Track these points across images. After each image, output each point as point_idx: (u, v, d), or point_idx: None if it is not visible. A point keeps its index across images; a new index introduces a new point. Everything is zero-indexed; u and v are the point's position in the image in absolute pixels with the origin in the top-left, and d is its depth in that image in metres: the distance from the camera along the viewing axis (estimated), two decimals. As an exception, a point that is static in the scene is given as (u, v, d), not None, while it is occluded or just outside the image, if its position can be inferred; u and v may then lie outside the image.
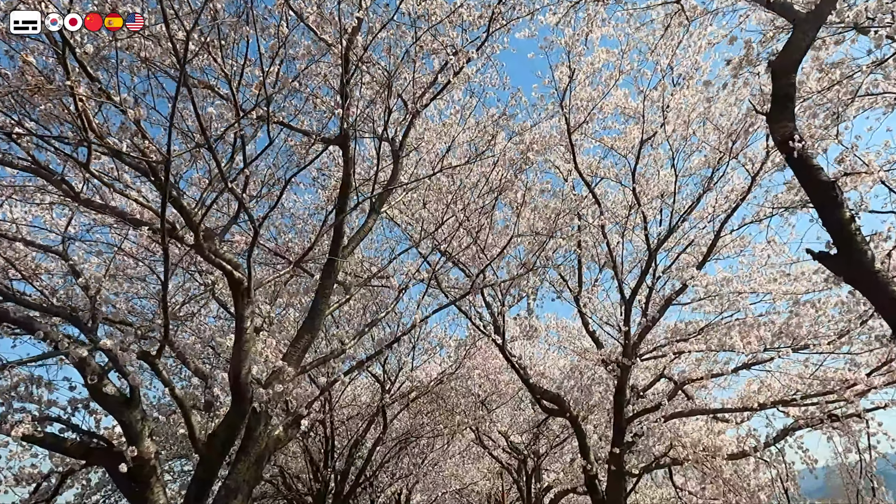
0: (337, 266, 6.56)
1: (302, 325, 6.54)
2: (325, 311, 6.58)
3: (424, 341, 14.33)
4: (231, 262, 5.42)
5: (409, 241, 7.75)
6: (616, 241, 9.00)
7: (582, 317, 10.74)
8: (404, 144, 7.16)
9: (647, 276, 8.94)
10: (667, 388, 11.13)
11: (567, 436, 15.69)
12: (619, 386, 9.17)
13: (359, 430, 12.88)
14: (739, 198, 8.66)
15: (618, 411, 9.32)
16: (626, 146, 8.75)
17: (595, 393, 10.54)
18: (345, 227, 6.43)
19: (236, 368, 5.17)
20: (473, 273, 10.77)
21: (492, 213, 7.97)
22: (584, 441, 10.13)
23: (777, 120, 4.20)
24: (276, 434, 6.27)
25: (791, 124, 4.10)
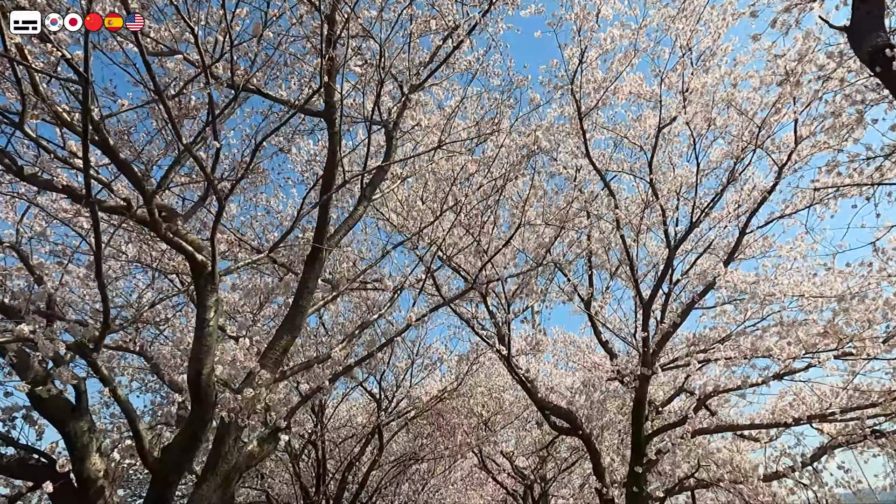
0: (322, 256, 5.78)
1: (281, 324, 5.74)
2: (308, 308, 5.79)
3: (424, 357, 13.50)
4: (193, 242, 4.65)
5: (404, 239, 6.98)
6: (632, 238, 8.21)
7: (593, 325, 9.91)
8: (398, 124, 6.45)
9: (666, 278, 8.13)
10: (686, 404, 10.25)
11: (576, 459, 14.68)
12: (637, 399, 8.29)
13: (353, 450, 11.93)
14: (766, 191, 7.91)
15: (636, 427, 8.43)
16: (641, 135, 8.04)
17: (610, 409, 9.65)
18: (331, 211, 5.67)
19: (196, 367, 4.36)
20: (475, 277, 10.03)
21: (496, 209, 7.20)
22: (598, 462, 9.21)
23: (864, 32, 3.51)
24: (248, 449, 5.42)
25: (883, 34, 3.40)
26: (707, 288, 8.02)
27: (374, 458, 12.00)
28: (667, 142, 8.21)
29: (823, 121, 7.75)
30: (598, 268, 10.48)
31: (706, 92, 7.25)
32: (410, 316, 5.98)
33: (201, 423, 4.48)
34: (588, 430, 9.37)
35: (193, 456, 4.60)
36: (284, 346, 5.63)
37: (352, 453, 12.05)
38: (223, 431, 5.20)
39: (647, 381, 8.12)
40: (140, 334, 8.17)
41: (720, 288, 9.01)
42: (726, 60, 7.39)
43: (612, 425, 10.11)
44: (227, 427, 5.20)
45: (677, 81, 7.39)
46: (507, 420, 14.52)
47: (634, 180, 8.89)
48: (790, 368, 7.89)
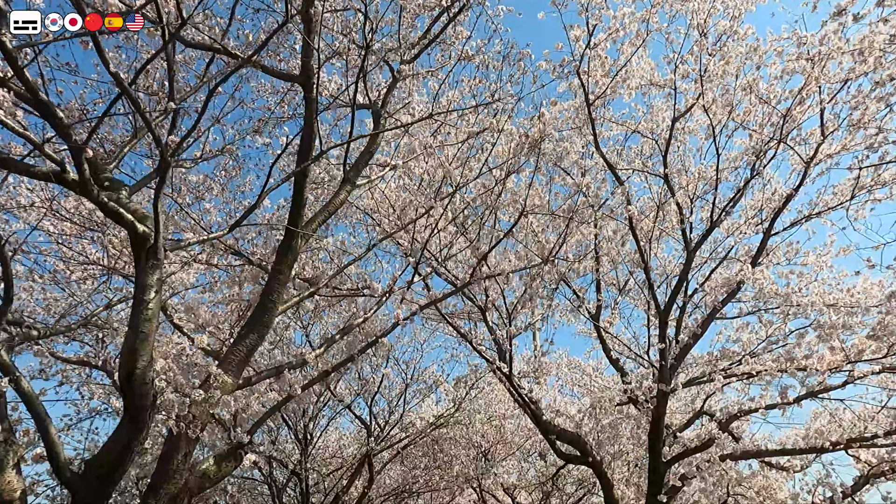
0: (296, 244, 5.04)
1: (247, 321, 4.96)
2: (280, 303, 5.01)
3: (419, 381, 12.59)
4: (136, 212, 3.91)
5: (391, 233, 6.23)
6: (644, 239, 7.44)
7: (602, 341, 9.08)
8: (387, 102, 5.79)
9: (685, 284, 7.34)
10: (704, 430, 9.33)
11: (583, 494, 13.58)
12: (654, 420, 7.40)
13: (339, 480, 10.92)
14: (792, 188, 7.21)
15: (653, 452, 7.51)
16: (654, 129, 7.37)
17: (622, 434, 8.74)
18: (307, 192, 4.94)
19: (130, 359, 3.55)
20: (475, 296, 9.27)
21: (495, 205, 6.48)
22: (610, 492, 8.25)
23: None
24: (203, 468, 4.56)
25: None
26: (731, 294, 7.23)
27: (363, 491, 10.98)
28: (682, 136, 7.53)
29: (851, 113, 7.14)
30: (606, 284, 9.71)
31: (725, 73, 6.62)
32: (398, 314, 5.19)
33: (135, 430, 3.65)
34: (598, 458, 8.43)
35: (124, 472, 3.75)
36: (250, 347, 4.84)
37: (338, 485, 11.03)
38: (171, 446, 4.36)
39: (666, 399, 7.25)
40: (105, 348, 7.37)
41: (741, 299, 8.24)
42: (747, 44, 6.79)
43: (624, 454, 9.17)
44: (175, 440, 4.36)
45: (694, 67, 6.78)
46: (508, 451, 13.48)
47: (646, 181, 8.20)
48: (825, 385, 7.05)
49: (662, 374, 7.19)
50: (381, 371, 11.05)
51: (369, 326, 6.98)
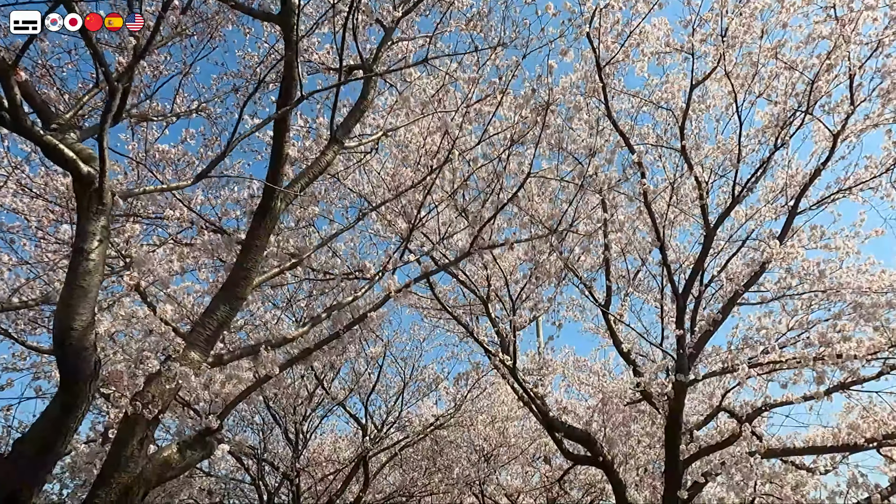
0: (276, 206, 4.49)
1: (219, 291, 4.39)
2: (256, 272, 4.45)
3: (418, 380, 11.99)
4: (81, 152, 3.36)
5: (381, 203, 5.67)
6: (660, 218, 6.88)
7: (612, 332, 8.48)
8: (378, 59, 5.25)
9: (705, 264, 6.76)
10: (724, 426, 8.71)
11: (591, 499, 12.88)
12: (671, 415, 6.78)
13: (332, 483, 10.30)
14: (819, 163, 6.66)
15: (670, 450, 6.89)
16: (669, 98, 6.83)
17: (635, 432, 8.13)
18: (288, 147, 4.39)
19: (65, 318, 2.99)
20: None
21: (499, 182, 5.90)
22: (622, 495, 7.62)
23: None
24: (163, 456, 3.98)
25: None
26: (754, 276, 6.65)
27: (358, 495, 10.35)
28: (700, 107, 6.98)
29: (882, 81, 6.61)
30: (615, 277, 9.13)
31: (749, 33, 6.08)
32: (389, 284, 4.63)
33: (71, 404, 3.08)
34: (610, 458, 7.81)
35: (57, 455, 3.18)
36: (221, 320, 4.27)
37: (330, 488, 10.40)
38: (125, 429, 3.79)
39: (684, 391, 6.64)
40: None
41: (762, 286, 7.65)
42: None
43: (636, 455, 8.54)
44: (130, 423, 3.79)
45: (713, 28, 6.25)
46: (511, 454, 12.82)
47: (660, 160, 7.64)
48: (857, 377, 6.44)
49: (680, 363, 6.60)
50: (377, 368, 10.46)
51: (360, 305, 6.40)
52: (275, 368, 4.40)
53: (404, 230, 6.45)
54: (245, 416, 10.87)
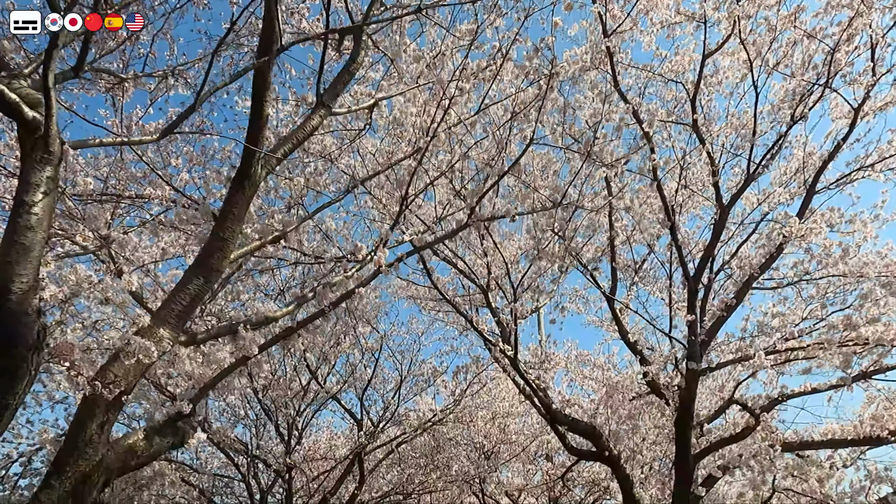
0: (255, 172, 4.11)
1: (191, 265, 4.02)
2: (232, 244, 4.07)
3: (417, 376, 11.57)
4: (27, 96, 2.98)
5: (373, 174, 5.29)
6: (671, 197, 6.48)
7: (618, 322, 8.11)
8: (370, 15, 4.88)
9: (717, 246, 6.37)
10: (734, 419, 8.32)
11: (595, 498, 12.47)
12: (682, 406, 6.39)
13: (324, 481, 9.91)
14: (839, 138, 6.28)
15: (681, 443, 6.49)
16: (680, 70, 6.44)
17: (642, 426, 7.74)
18: (269, 105, 4.01)
19: (1, 278, 2.61)
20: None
21: (503, 148, 5.49)
22: (629, 492, 7.23)
23: None
24: (128, 443, 3.61)
25: None
26: (770, 259, 6.26)
27: (353, 492, 9.96)
28: (712, 81, 6.58)
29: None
30: (620, 266, 8.76)
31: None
32: (379, 257, 4.24)
33: (8, 369, 2.70)
34: (616, 452, 7.42)
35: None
36: (194, 294, 3.90)
37: (324, 486, 10.01)
38: (85, 412, 3.42)
39: (696, 379, 6.26)
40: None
41: (776, 271, 7.26)
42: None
43: (644, 450, 8.15)
44: (89, 405, 3.42)
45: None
46: (512, 452, 12.41)
47: (669, 139, 7.25)
48: (881, 365, 6.06)
49: (692, 350, 6.21)
50: (373, 361, 10.08)
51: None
52: (254, 348, 4.03)
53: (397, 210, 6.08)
54: (238, 411, 10.48)
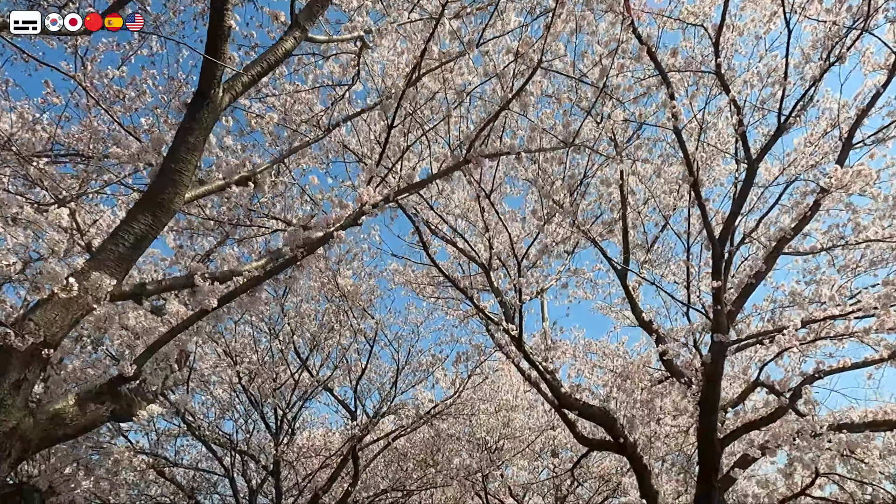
0: (216, 96, 3.49)
1: (136, 202, 3.39)
2: (187, 178, 3.44)
3: (416, 370, 10.89)
4: None
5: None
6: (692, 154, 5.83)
7: (631, 300, 7.49)
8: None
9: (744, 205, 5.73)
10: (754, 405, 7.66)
11: (604, 498, 11.77)
12: (707, 383, 5.73)
13: (314, 478, 9.25)
14: (879, 86, 5.65)
15: (705, 427, 5.82)
16: (700, 13, 5.81)
17: (659, 410, 7.08)
18: (230, 15, 3.39)
19: None
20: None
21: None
22: (647, 482, 6.57)
23: None
24: (54, 409, 2.98)
25: None
26: (805, 217, 5.61)
27: (347, 489, 9.28)
28: (736, 28, 5.95)
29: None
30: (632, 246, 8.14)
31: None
32: (362, 194, 3.61)
33: None
34: (632, 441, 6.76)
35: None
36: (140, 234, 3.27)
37: (315, 483, 9.35)
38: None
39: (724, 352, 5.61)
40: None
41: (808, 235, 6.62)
42: None
43: (661, 437, 7.48)
44: (1, 360, 2.80)
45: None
46: (516, 448, 11.73)
47: (686, 96, 6.61)
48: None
49: (718, 321, 5.56)
50: (368, 348, 9.43)
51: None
52: (213, 300, 3.39)
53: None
54: (224, 404, 9.81)
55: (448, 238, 8.81)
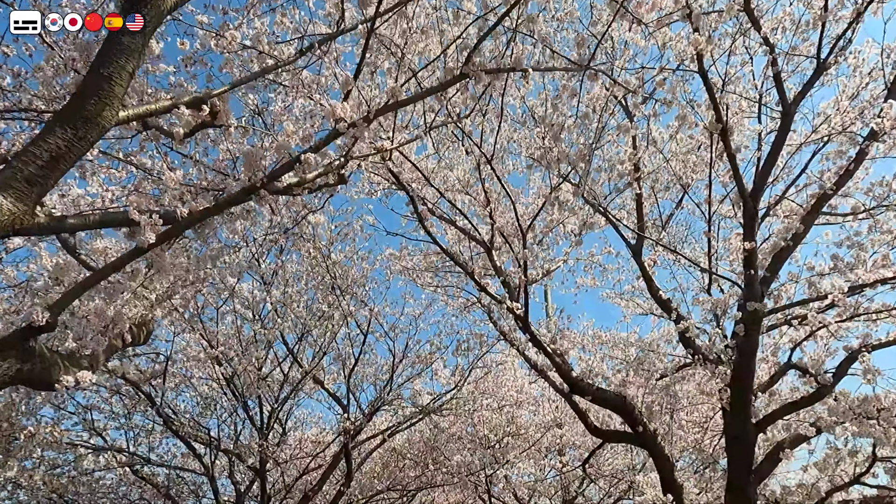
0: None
1: (55, 114, 2.75)
2: (120, 85, 2.79)
3: (413, 360, 10.21)
4: None
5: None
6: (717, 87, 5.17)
7: (646, 276, 6.85)
8: None
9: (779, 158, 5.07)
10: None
11: (615, 500, 11.03)
12: (741, 358, 5.04)
13: (303, 474, 8.55)
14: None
15: (738, 410, 5.13)
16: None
17: (682, 395, 6.40)
18: None
19: None
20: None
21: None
22: (669, 472, 5.88)
23: None
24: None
25: None
26: (848, 171, 4.94)
27: (339, 489, 8.58)
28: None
29: None
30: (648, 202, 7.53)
31: None
32: (334, 107, 2.95)
33: None
34: (652, 430, 6.07)
35: None
36: (57, 151, 2.64)
37: (306, 483, 8.65)
38: None
39: (760, 323, 4.93)
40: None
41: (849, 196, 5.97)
42: None
43: (680, 425, 6.78)
44: None
45: None
46: (521, 446, 10.99)
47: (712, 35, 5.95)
48: None
49: (752, 288, 4.88)
50: (361, 337, 8.76)
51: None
52: (150, 236, 2.74)
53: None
54: (207, 399, 9.11)
55: (447, 217, 8.19)
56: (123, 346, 4.15)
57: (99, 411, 8.15)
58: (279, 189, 3.17)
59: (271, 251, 8.12)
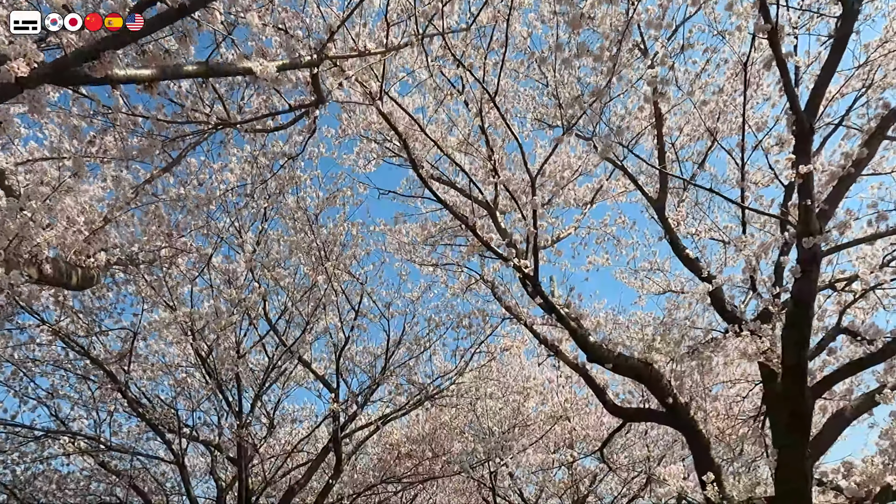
0: None
1: None
2: None
3: (412, 343, 9.34)
4: None
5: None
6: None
7: (670, 232, 6.07)
8: None
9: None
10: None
11: (631, 498, 10.14)
12: (795, 307, 4.21)
13: (282, 465, 7.71)
14: None
15: (793, 370, 4.30)
16: None
17: (712, 365, 5.57)
18: None
19: None
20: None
21: None
22: (705, 450, 5.05)
23: None
24: None
25: None
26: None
27: (327, 482, 7.72)
28: None
29: None
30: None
31: None
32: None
33: None
34: (684, 402, 5.24)
35: None
36: None
37: (290, 476, 7.80)
38: None
39: (818, 261, 4.12)
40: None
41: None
42: None
43: (719, 399, 5.95)
44: None
45: None
46: (528, 439, 10.12)
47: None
48: None
49: (807, 221, 4.07)
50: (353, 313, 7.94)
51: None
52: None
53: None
54: (183, 384, 8.27)
55: (446, 179, 7.43)
56: (43, 280, 3.36)
57: (67, 399, 7.37)
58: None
59: (254, 224, 7.39)
